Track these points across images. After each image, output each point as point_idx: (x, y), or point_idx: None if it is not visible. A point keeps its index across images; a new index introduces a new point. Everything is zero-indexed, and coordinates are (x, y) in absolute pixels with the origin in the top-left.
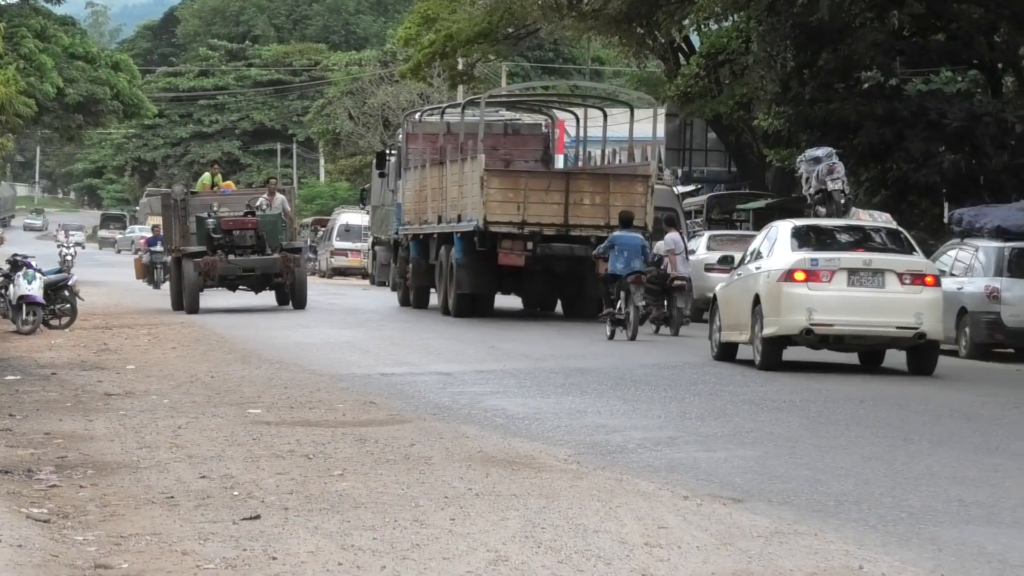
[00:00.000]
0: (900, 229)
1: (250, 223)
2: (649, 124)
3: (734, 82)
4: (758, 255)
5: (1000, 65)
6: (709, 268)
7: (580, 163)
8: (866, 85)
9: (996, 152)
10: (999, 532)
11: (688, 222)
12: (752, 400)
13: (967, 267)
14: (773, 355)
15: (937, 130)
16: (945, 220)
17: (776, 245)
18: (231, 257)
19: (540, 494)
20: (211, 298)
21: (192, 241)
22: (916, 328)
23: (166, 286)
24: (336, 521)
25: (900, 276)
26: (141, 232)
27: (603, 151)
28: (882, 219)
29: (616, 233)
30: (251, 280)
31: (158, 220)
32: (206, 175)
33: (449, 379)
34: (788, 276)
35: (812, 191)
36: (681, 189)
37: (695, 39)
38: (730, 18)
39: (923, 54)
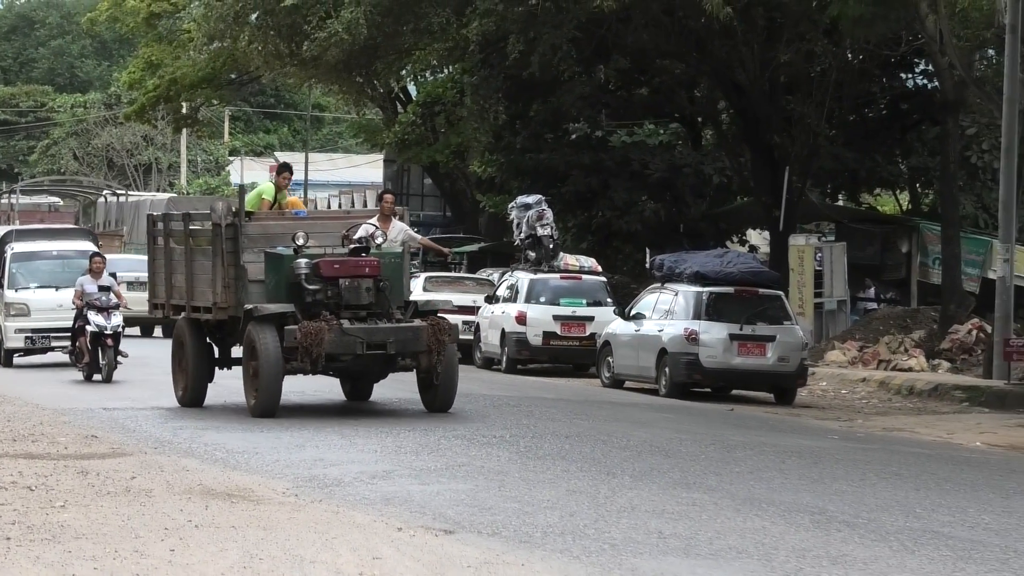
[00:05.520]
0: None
1: (367, 267)
2: (370, 169)
3: (449, 131)
4: None
5: (700, 119)
6: None
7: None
8: (574, 136)
9: (695, 201)
10: (696, 563)
11: None
12: (464, 435)
13: (667, 311)
14: None
15: (640, 180)
16: (647, 265)
17: None
18: (346, 324)
19: (259, 526)
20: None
21: (254, 294)
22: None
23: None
24: (57, 551)
25: None
26: None
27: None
28: (588, 264)
29: None
30: (367, 362)
31: None
32: (266, 186)
33: (170, 414)
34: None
35: (523, 236)
36: None
37: (412, 89)
38: (445, 70)
39: (628, 107)
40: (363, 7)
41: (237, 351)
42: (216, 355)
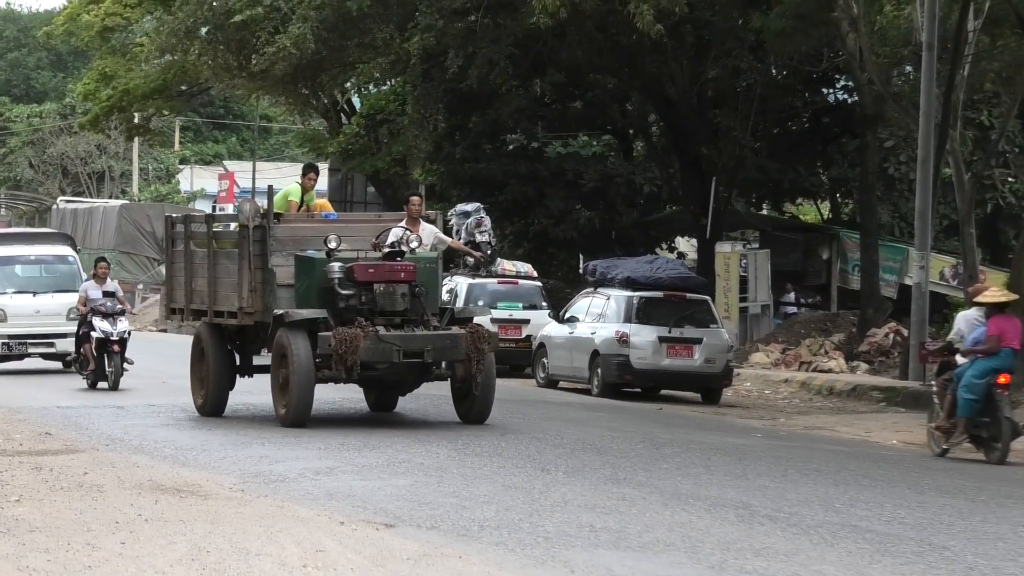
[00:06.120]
0: None
1: (403, 272)
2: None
3: (391, 141)
4: None
5: (631, 131)
6: None
7: None
8: (511, 147)
9: (627, 210)
10: (625, 556)
11: None
12: (405, 433)
13: (600, 314)
14: None
15: (574, 189)
16: (580, 270)
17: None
18: (382, 331)
19: (206, 520)
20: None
21: (283, 299)
22: None
23: None
24: (12, 544)
25: None
26: None
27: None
28: (524, 269)
29: None
30: (402, 371)
31: None
32: (292, 187)
33: (122, 412)
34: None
35: (462, 242)
36: None
37: (356, 101)
38: (388, 83)
39: (562, 119)
40: (310, 23)
41: (258, 359)
42: (237, 362)
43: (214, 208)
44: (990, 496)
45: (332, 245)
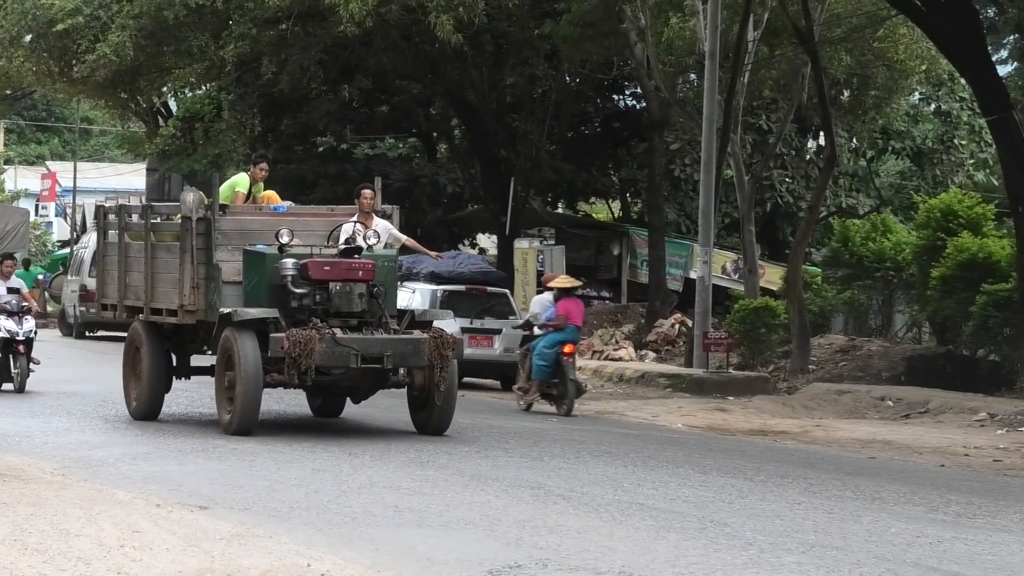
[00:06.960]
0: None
1: (361, 270)
2: (135, 176)
3: (207, 143)
4: None
5: (435, 134)
6: None
7: None
8: (321, 148)
9: (431, 208)
10: (428, 533)
11: None
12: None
13: (406, 306)
14: None
15: (382, 189)
16: None
17: None
18: (339, 333)
19: (28, 503)
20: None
21: (229, 296)
22: None
23: None
24: None
25: None
26: None
27: None
28: None
29: None
30: (357, 377)
31: None
32: (240, 177)
33: None
34: None
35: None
36: None
37: (173, 104)
38: (203, 87)
39: (370, 123)
40: (129, 31)
41: (197, 359)
42: (174, 363)
43: (37, 208)
44: (768, 476)
45: (284, 240)
